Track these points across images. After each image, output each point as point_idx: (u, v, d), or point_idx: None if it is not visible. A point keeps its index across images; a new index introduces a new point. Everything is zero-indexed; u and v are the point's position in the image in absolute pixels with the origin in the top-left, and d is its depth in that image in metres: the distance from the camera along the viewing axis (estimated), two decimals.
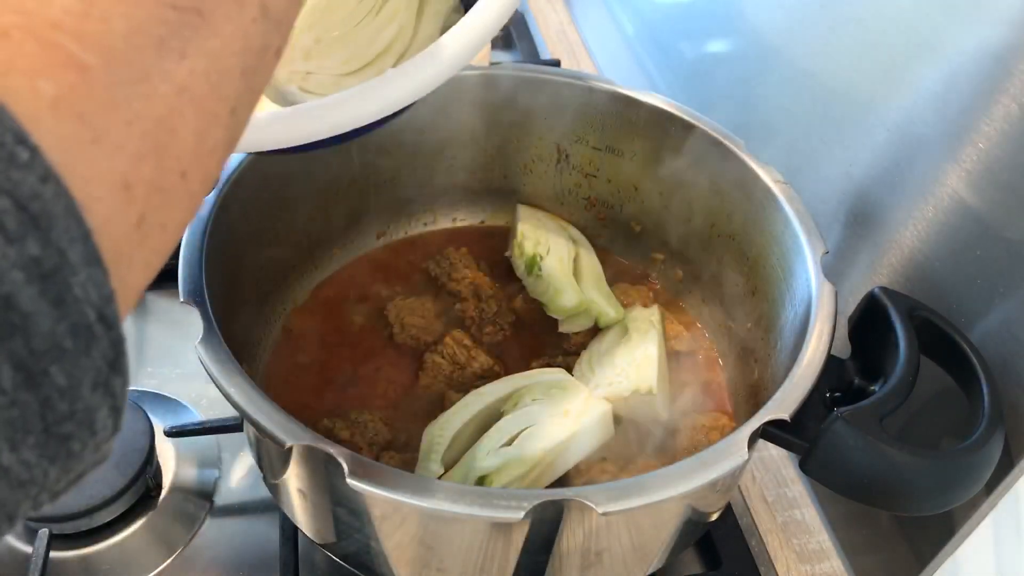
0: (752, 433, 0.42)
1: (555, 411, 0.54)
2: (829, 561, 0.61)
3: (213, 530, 0.60)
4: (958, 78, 0.50)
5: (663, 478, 0.41)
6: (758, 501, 0.64)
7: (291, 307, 0.64)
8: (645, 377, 0.57)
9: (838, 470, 0.44)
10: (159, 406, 0.65)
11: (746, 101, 0.72)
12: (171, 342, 0.72)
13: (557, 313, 0.64)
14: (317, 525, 0.49)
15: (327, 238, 0.65)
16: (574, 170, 0.69)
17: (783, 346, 0.54)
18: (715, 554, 0.59)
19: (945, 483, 0.43)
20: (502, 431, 0.53)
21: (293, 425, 0.41)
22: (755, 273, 0.59)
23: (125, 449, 0.57)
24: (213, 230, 0.51)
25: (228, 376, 0.43)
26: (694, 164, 0.62)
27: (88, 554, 0.56)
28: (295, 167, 0.60)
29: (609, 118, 0.64)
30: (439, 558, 0.44)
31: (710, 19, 0.79)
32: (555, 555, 0.44)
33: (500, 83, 0.65)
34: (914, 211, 0.54)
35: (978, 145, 0.49)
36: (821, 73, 0.62)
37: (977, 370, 0.46)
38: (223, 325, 0.46)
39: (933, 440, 0.54)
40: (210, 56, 0.24)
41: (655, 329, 0.61)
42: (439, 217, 0.72)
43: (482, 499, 0.39)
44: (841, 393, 0.48)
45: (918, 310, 0.48)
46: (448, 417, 0.55)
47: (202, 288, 0.47)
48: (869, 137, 0.57)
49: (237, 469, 0.63)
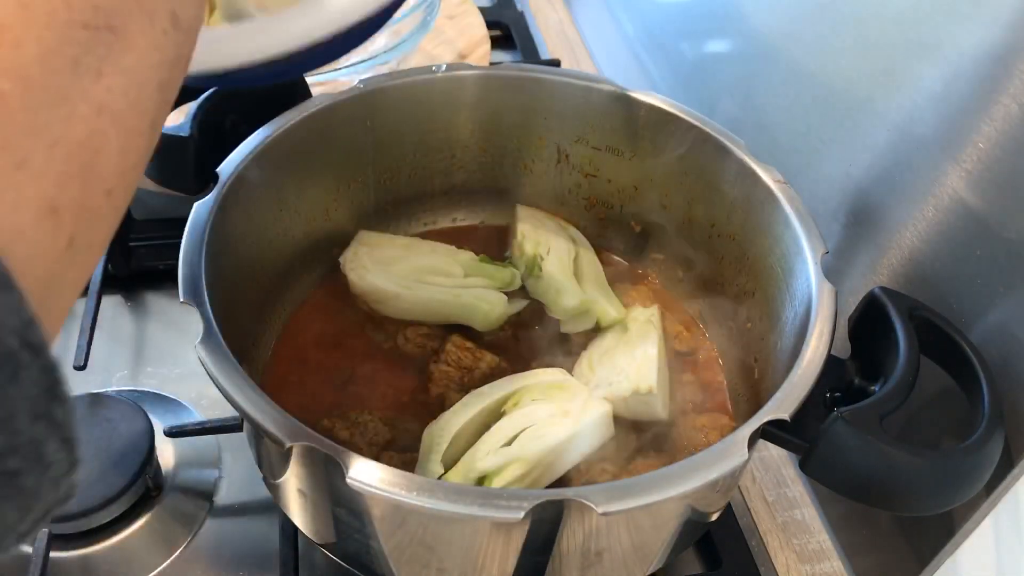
0: (752, 433, 0.42)
1: (555, 411, 0.54)
2: (829, 561, 0.61)
3: (213, 530, 0.60)
4: (958, 78, 0.50)
5: (663, 478, 0.41)
6: (758, 501, 0.64)
7: (291, 307, 0.64)
8: (645, 377, 0.57)
9: (838, 470, 0.44)
10: (159, 406, 0.65)
11: (746, 101, 0.72)
12: (171, 342, 0.72)
13: (558, 314, 0.64)
14: (317, 525, 0.49)
15: (327, 238, 0.65)
16: (574, 170, 0.68)
17: (783, 346, 0.54)
18: (715, 554, 0.59)
19: (945, 483, 0.43)
20: (502, 431, 0.53)
21: (293, 425, 0.41)
22: (755, 273, 0.59)
23: (125, 449, 0.57)
24: (213, 230, 0.50)
25: (228, 376, 0.43)
26: (694, 164, 0.62)
27: (88, 554, 0.56)
28: (295, 168, 0.60)
29: (609, 118, 0.64)
30: (439, 558, 0.44)
31: (710, 19, 0.79)
32: (555, 555, 0.44)
33: (500, 83, 0.65)
34: (914, 211, 0.54)
35: (978, 145, 0.49)
36: (821, 73, 0.62)
37: (977, 370, 0.46)
38: (223, 325, 0.46)
39: (933, 440, 0.54)
40: (127, 72, 0.24)
41: (655, 329, 0.61)
42: (439, 217, 0.72)
43: (482, 499, 0.39)
44: (841, 393, 0.48)
45: (918, 310, 0.48)
46: (448, 417, 0.55)
47: (202, 288, 0.47)
48: (869, 137, 0.57)
49: (237, 469, 0.63)
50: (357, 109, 0.62)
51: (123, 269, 0.75)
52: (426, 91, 0.64)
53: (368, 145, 0.64)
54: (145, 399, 0.65)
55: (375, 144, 0.65)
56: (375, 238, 0.66)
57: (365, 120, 0.63)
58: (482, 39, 0.94)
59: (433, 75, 0.63)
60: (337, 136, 0.62)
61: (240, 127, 0.57)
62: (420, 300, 0.63)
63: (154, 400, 0.66)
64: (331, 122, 0.61)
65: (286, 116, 0.58)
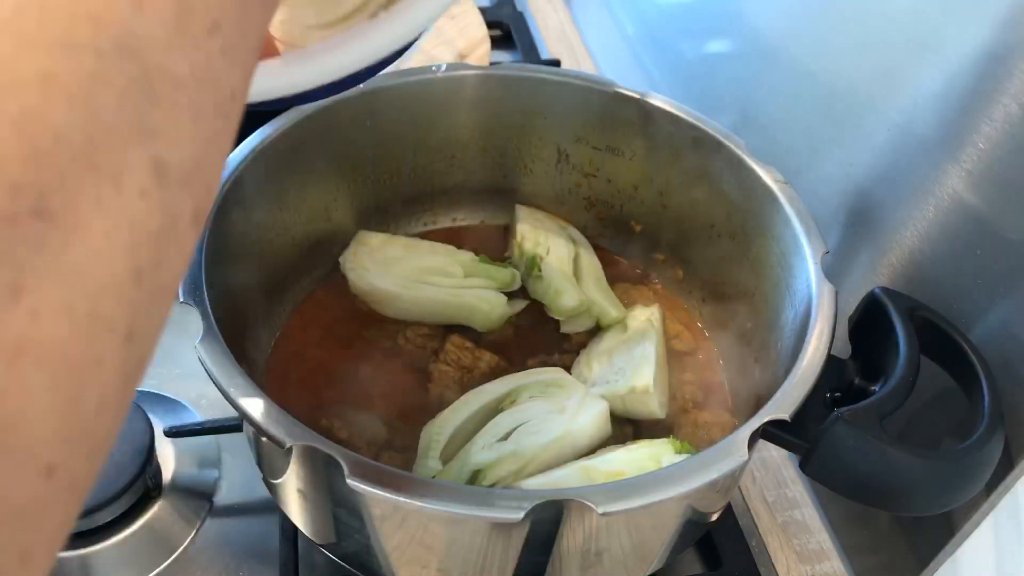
0: (752, 433, 0.42)
1: (551, 408, 0.54)
2: (829, 561, 0.61)
3: (213, 530, 0.60)
4: (958, 78, 0.50)
5: (663, 478, 0.41)
6: (758, 501, 0.64)
7: (291, 307, 0.64)
8: (642, 375, 0.57)
9: (838, 470, 0.44)
10: (159, 406, 0.65)
11: (746, 101, 0.72)
12: (171, 342, 0.71)
13: (558, 314, 0.64)
14: (317, 525, 0.49)
15: (327, 238, 0.65)
16: (574, 170, 0.68)
17: (783, 346, 0.54)
18: (715, 554, 0.59)
19: (945, 483, 0.43)
20: (498, 427, 0.54)
21: (293, 425, 0.41)
22: (755, 273, 0.59)
23: (125, 449, 0.57)
24: (213, 230, 0.50)
25: (228, 376, 0.43)
26: (694, 164, 0.62)
27: (88, 554, 0.56)
28: (296, 168, 0.60)
29: (609, 118, 0.64)
30: (439, 558, 0.44)
31: (710, 19, 0.79)
32: (555, 555, 0.44)
33: (500, 83, 0.65)
34: (914, 211, 0.54)
35: (978, 145, 0.49)
36: (821, 73, 0.62)
37: (977, 370, 0.46)
38: (223, 325, 0.46)
39: (933, 440, 0.54)
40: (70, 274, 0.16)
41: (654, 328, 0.61)
42: (439, 217, 0.72)
43: (482, 499, 0.39)
44: (841, 393, 0.48)
45: (918, 310, 0.48)
46: (446, 416, 0.55)
47: (202, 288, 0.47)
48: (869, 137, 0.57)
49: (237, 469, 0.63)
50: (357, 109, 0.62)
51: None
52: (426, 91, 0.64)
53: (368, 145, 0.64)
54: (145, 399, 0.65)
55: (375, 144, 0.65)
56: (375, 238, 0.66)
57: (365, 120, 0.63)
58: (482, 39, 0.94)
59: (433, 75, 0.63)
60: (337, 136, 0.62)
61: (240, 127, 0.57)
62: (420, 300, 0.63)
63: (154, 400, 0.66)
64: (331, 122, 0.61)
65: (286, 116, 0.58)
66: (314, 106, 0.59)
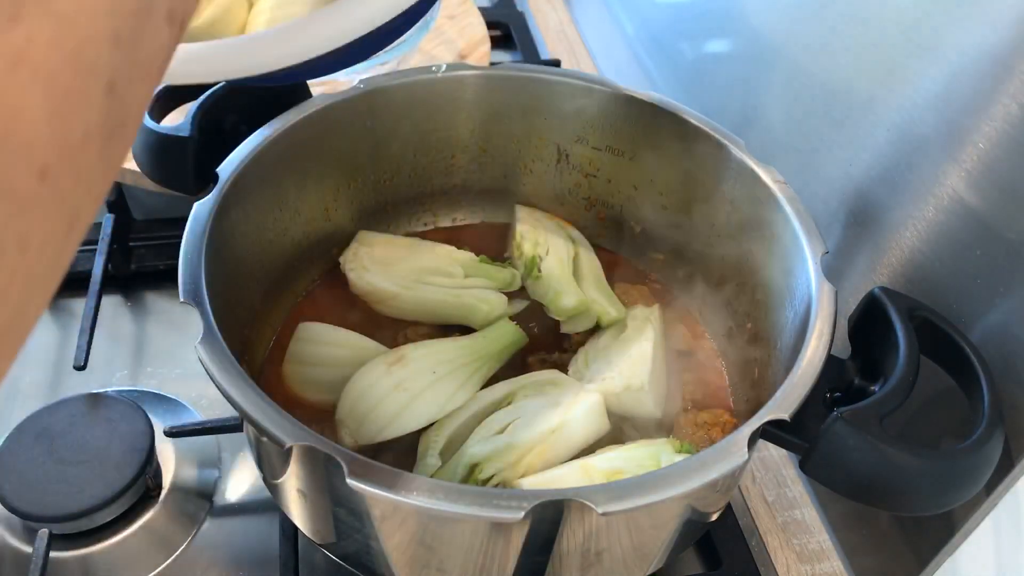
0: (752, 433, 0.42)
1: (546, 403, 0.55)
2: (829, 561, 0.61)
3: (213, 530, 0.60)
4: (958, 78, 0.50)
5: (663, 478, 0.41)
6: (758, 501, 0.64)
7: (291, 307, 0.64)
8: (637, 374, 0.57)
9: (838, 470, 0.44)
10: (159, 406, 0.65)
11: (746, 101, 0.72)
12: (171, 342, 0.72)
13: (558, 314, 0.64)
14: (317, 525, 0.49)
15: (327, 238, 0.65)
16: (574, 170, 0.69)
17: (783, 346, 0.54)
18: (715, 554, 0.59)
19: (945, 483, 0.43)
20: (494, 422, 0.54)
21: (293, 425, 0.41)
22: (755, 273, 0.59)
23: (125, 449, 0.57)
24: (213, 230, 0.50)
25: (228, 376, 0.43)
26: (694, 164, 0.62)
27: (88, 554, 0.56)
28: (295, 168, 0.60)
29: (609, 118, 0.64)
30: (439, 558, 0.44)
31: (710, 19, 0.79)
32: (555, 555, 0.44)
33: (500, 83, 0.65)
34: (914, 211, 0.54)
35: (978, 145, 0.49)
36: (821, 73, 0.62)
37: (977, 370, 0.46)
38: (223, 325, 0.46)
39: (933, 440, 0.54)
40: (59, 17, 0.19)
41: (652, 327, 0.61)
42: (439, 217, 0.72)
43: (482, 499, 0.39)
44: (841, 393, 0.48)
45: (918, 310, 0.48)
46: (443, 420, 0.55)
47: (202, 288, 0.47)
48: (869, 137, 0.57)
49: (237, 469, 0.63)
50: (357, 109, 0.62)
51: (123, 269, 0.75)
52: (426, 91, 0.64)
53: (368, 145, 0.64)
54: (145, 399, 0.65)
55: (375, 144, 0.65)
56: (375, 238, 0.66)
57: (365, 120, 0.63)
58: (482, 39, 0.94)
59: (433, 75, 0.63)
60: (337, 136, 0.62)
61: (240, 127, 0.57)
62: (420, 300, 0.63)
63: (154, 400, 0.66)
64: (331, 122, 0.61)
65: (286, 116, 0.58)
66: (314, 106, 0.59)
